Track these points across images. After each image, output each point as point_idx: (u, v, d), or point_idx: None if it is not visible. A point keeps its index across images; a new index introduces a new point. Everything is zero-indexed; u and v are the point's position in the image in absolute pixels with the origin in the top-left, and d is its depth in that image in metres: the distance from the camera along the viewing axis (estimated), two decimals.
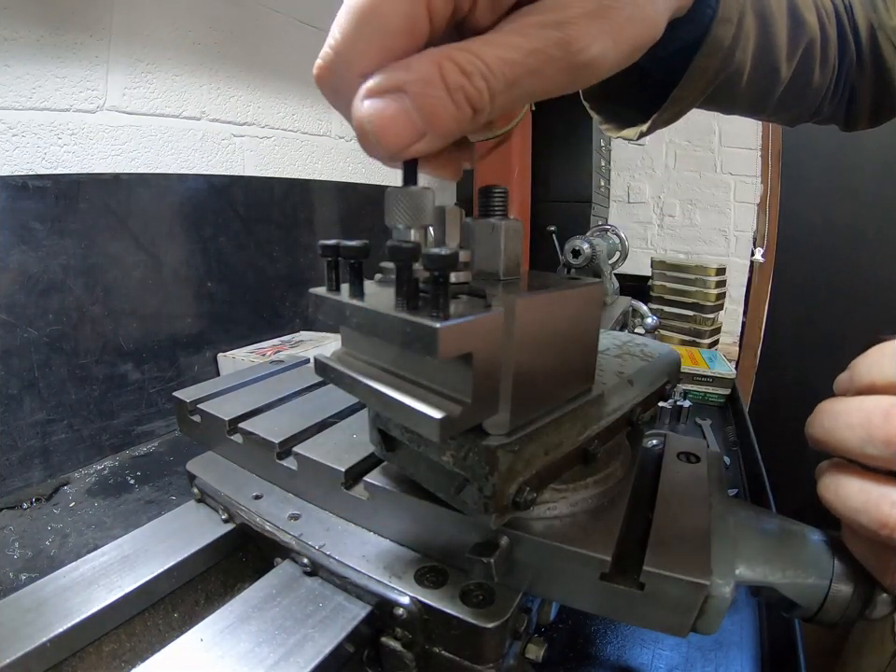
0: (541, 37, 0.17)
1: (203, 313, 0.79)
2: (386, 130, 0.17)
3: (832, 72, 0.37)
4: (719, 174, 1.75)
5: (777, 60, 0.32)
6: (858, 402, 0.20)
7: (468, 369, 0.18)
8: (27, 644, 0.24)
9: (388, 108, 0.16)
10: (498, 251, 0.23)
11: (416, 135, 0.17)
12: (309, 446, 0.32)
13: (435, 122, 0.17)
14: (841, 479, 0.21)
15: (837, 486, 0.21)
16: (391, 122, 0.16)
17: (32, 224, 0.58)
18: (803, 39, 0.33)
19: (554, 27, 0.16)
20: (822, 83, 0.37)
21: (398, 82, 0.16)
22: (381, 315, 0.18)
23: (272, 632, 0.25)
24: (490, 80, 0.16)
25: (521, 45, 0.16)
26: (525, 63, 0.16)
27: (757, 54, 0.30)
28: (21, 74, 0.58)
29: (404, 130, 0.17)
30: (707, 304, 1.30)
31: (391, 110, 0.16)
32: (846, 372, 0.22)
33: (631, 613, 0.23)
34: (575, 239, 0.96)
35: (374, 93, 0.17)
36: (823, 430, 0.21)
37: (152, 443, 0.71)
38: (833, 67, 0.37)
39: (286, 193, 0.92)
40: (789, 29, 0.32)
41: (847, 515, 0.21)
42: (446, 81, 0.16)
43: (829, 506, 0.22)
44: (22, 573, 0.44)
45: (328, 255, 0.21)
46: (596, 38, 0.17)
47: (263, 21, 0.86)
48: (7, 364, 0.57)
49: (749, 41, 0.29)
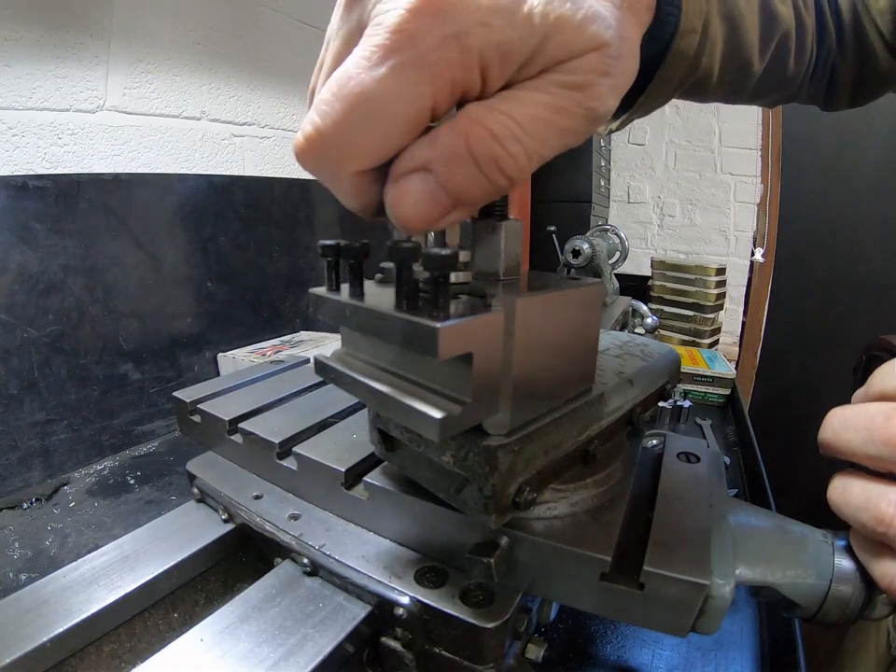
0: (566, 98, 0.16)
1: (202, 313, 0.79)
2: (411, 213, 0.16)
3: (809, 58, 0.37)
4: (719, 174, 1.75)
5: (748, 56, 0.31)
6: (864, 407, 0.21)
7: (468, 369, 0.18)
8: (27, 644, 0.24)
9: (412, 192, 0.16)
10: (498, 251, 0.23)
11: (444, 212, 0.16)
12: (309, 446, 0.32)
13: (464, 198, 0.16)
14: (847, 481, 0.22)
15: (843, 488, 0.22)
16: (416, 206, 0.16)
17: (32, 224, 0.58)
18: (776, 33, 0.33)
19: (575, 88, 0.16)
20: (798, 71, 0.37)
21: (421, 162, 0.16)
22: (381, 316, 0.18)
23: (272, 632, 0.24)
24: (526, 143, 0.16)
25: (549, 103, 0.16)
26: (554, 121, 0.16)
27: (726, 55, 0.30)
28: (20, 74, 0.58)
29: (431, 210, 0.16)
30: (707, 304, 1.30)
31: (415, 193, 0.16)
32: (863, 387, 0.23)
33: (631, 613, 0.23)
34: (575, 239, 0.96)
35: (398, 176, 0.16)
36: (833, 433, 0.22)
37: (152, 443, 0.71)
38: (811, 53, 0.37)
39: (286, 193, 0.92)
40: (760, 25, 0.31)
41: (850, 514, 0.22)
42: (474, 154, 0.15)
43: (835, 507, 0.23)
44: (22, 573, 0.44)
45: (328, 255, 0.21)
46: (608, 95, 0.17)
47: (263, 21, 0.86)
48: (7, 364, 0.57)
49: (717, 46, 0.29)
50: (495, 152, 0.15)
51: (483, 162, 0.15)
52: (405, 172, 0.16)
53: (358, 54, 0.15)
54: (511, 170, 0.16)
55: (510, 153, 0.16)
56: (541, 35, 0.15)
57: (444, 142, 0.15)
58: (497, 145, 0.15)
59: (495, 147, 0.15)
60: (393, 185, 0.16)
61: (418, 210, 0.16)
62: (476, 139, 0.15)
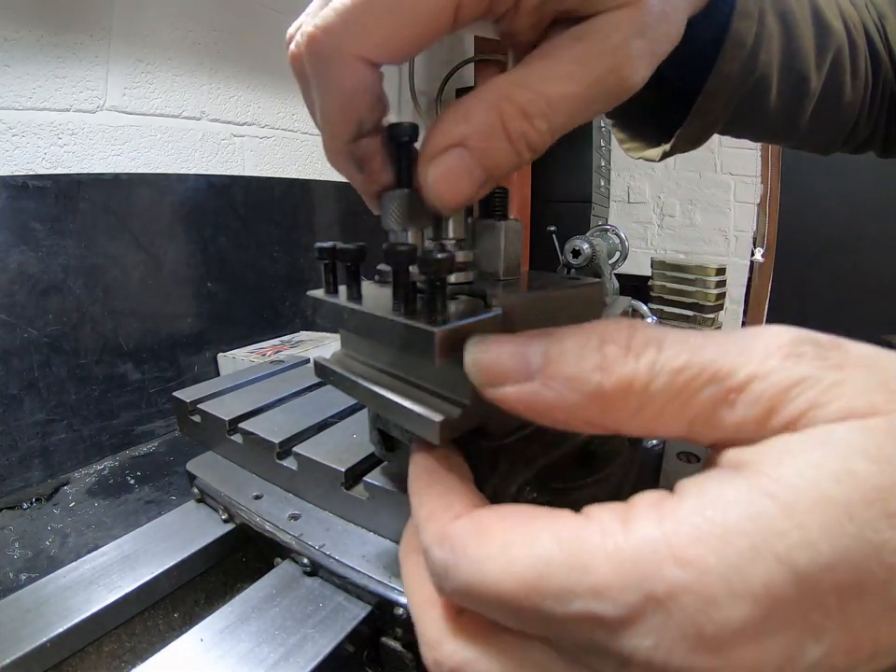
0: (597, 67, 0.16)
1: (202, 313, 0.79)
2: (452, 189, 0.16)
3: (864, 86, 0.35)
4: (719, 174, 1.75)
5: (805, 67, 0.30)
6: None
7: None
8: (27, 644, 0.24)
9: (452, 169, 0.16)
10: (498, 251, 0.23)
11: (478, 186, 0.16)
12: (309, 446, 0.32)
13: (495, 172, 0.16)
14: None
15: None
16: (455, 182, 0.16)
17: (32, 224, 0.58)
18: (830, 46, 0.31)
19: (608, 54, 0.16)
20: (855, 99, 0.35)
21: (458, 137, 0.16)
22: (378, 319, 0.18)
23: (272, 632, 0.25)
24: (551, 119, 0.16)
25: (581, 77, 0.16)
26: (584, 95, 0.16)
27: (782, 59, 0.29)
28: (20, 74, 0.58)
29: (467, 186, 0.16)
30: (706, 304, 1.30)
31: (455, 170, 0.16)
32: None
33: None
34: (575, 239, 0.96)
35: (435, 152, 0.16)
36: None
37: (152, 443, 0.71)
38: (867, 81, 0.35)
39: (286, 193, 0.92)
40: (814, 34, 0.30)
41: None
42: (508, 131, 0.15)
43: None
44: (22, 573, 0.44)
45: (324, 258, 0.21)
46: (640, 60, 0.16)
47: (263, 21, 0.86)
48: (7, 364, 0.57)
49: (773, 42, 0.28)
50: (524, 129, 0.16)
51: (515, 138, 0.16)
52: (442, 148, 0.16)
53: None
54: (537, 144, 0.16)
55: (538, 130, 0.16)
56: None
57: (481, 119, 0.16)
58: (526, 122, 0.15)
59: (524, 124, 0.15)
60: (430, 162, 0.16)
61: (457, 186, 0.16)
62: (509, 116, 0.15)
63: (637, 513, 0.12)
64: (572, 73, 0.16)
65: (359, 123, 0.18)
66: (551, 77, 0.16)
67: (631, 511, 0.12)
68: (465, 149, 0.16)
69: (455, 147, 0.16)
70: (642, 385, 0.13)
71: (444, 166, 0.16)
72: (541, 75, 0.16)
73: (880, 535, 0.10)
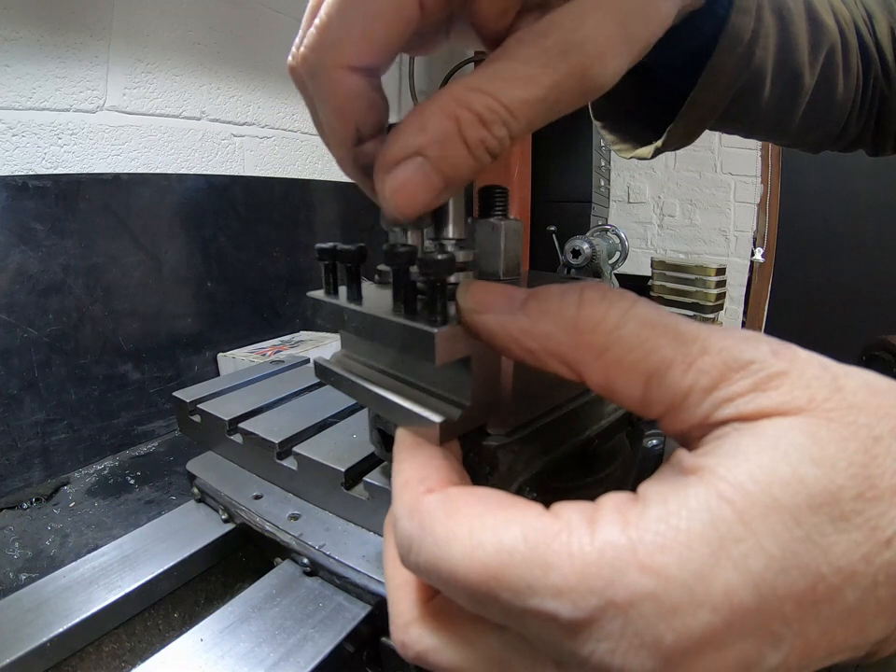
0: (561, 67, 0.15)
1: (202, 313, 0.79)
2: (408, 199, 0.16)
3: (856, 84, 0.35)
4: (719, 174, 1.75)
5: (799, 64, 0.30)
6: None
7: (467, 371, 0.18)
8: (27, 644, 0.24)
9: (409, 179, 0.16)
10: (498, 251, 0.23)
11: (437, 194, 0.16)
12: (309, 446, 0.32)
13: (455, 179, 0.16)
14: None
15: None
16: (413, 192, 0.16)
17: (32, 224, 0.58)
18: (824, 43, 0.31)
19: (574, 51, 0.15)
20: (847, 96, 0.35)
21: (414, 147, 0.15)
22: (379, 320, 0.18)
23: (272, 632, 0.25)
24: (511, 126, 0.15)
25: (542, 79, 0.15)
26: (546, 98, 0.15)
27: (778, 55, 0.29)
28: (20, 74, 0.58)
29: (425, 194, 0.16)
30: (707, 304, 1.30)
31: (412, 180, 0.16)
32: None
33: None
34: (575, 239, 0.96)
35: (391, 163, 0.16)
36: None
37: (152, 443, 0.71)
38: (858, 79, 0.35)
39: (286, 193, 0.92)
40: (808, 31, 0.30)
41: None
42: (465, 137, 0.15)
43: None
44: (22, 573, 0.44)
45: (324, 259, 0.21)
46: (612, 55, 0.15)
47: (263, 21, 0.86)
48: (7, 364, 0.57)
49: (770, 38, 0.28)
50: (482, 135, 0.15)
51: (473, 145, 0.15)
52: (398, 159, 0.16)
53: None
54: (497, 150, 0.16)
55: (496, 136, 0.15)
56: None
57: (437, 127, 0.15)
58: (485, 129, 0.15)
59: (482, 131, 0.15)
60: (387, 173, 0.16)
61: (415, 195, 0.16)
62: (465, 123, 0.15)
63: (603, 516, 0.12)
64: (533, 75, 0.15)
65: (357, 128, 0.18)
66: (510, 79, 0.15)
67: (597, 513, 0.12)
68: (421, 158, 0.15)
69: (412, 156, 0.16)
70: (612, 325, 0.14)
71: (402, 176, 0.16)
72: (501, 77, 0.15)
73: (827, 538, 0.11)
